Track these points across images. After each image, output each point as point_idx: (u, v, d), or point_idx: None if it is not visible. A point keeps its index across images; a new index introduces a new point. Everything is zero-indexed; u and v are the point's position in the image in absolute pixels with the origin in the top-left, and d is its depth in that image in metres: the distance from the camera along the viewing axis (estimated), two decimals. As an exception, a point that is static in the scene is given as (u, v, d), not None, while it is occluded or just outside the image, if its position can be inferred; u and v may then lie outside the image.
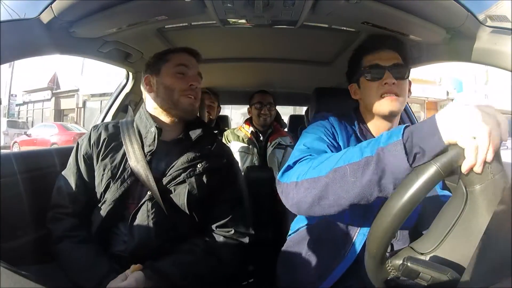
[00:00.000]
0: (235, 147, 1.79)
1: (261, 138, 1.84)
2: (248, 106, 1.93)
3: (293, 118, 2.48)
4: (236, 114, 8.75)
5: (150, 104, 0.92)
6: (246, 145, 1.79)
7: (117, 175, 0.84)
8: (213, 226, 0.87)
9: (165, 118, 0.91)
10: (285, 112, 2.73)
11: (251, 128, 1.85)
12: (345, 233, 0.78)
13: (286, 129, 2.09)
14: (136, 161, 0.84)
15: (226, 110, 7.56)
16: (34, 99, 17.81)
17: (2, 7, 0.72)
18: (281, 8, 0.86)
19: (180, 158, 0.86)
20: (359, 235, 0.76)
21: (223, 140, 1.86)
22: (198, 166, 0.86)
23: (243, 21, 0.97)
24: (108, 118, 1.42)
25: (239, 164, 1.73)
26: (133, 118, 0.95)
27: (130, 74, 1.41)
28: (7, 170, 0.87)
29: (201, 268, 0.80)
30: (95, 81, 13.57)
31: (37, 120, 16.63)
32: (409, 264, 0.45)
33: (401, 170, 0.47)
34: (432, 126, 0.46)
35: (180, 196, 0.83)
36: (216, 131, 1.98)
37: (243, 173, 1.52)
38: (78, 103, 16.07)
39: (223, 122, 2.31)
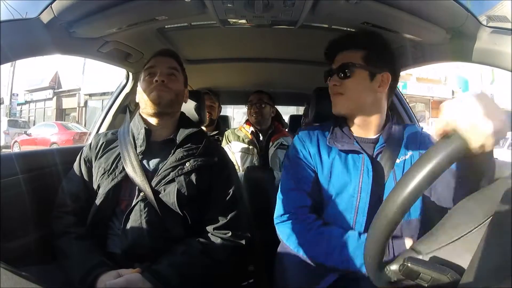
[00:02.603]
0: (236, 147, 1.78)
1: (261, 138, 1.83)
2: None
3: (293, 118, 2.47)
4: (238, 113, 8.74)
5: (141, 108, 0.97)
6: (246, 145, 1.78)
7: (110, 171, 0.88)
8: (210, 228, 0.87)
9: (151, 119, 0.94)
10: (287, 111, 2.73)
11: (251, 128, 1.83)
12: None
13: (287, 129, 2.09)
14: (130, 161, 0.87)
15: (228, 109, 7.56)
16: (36, 98, 17.85)
17: (3, 7, 0.72)
18: (281, 8, 0.86)
19: (170, 157, 0.88)
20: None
21: (224, 140, 1.86)
22: (187, 164, 0.87)
23: (243, 21, 0.97)
24: (108, 118, 1.43)
25: (239, 165, 1.74)
26: (129, 123, 0.98)
27: (130, 74, 1.41)
28: (6, 170, 0.87)
29: (198, 269, 0.80)
30: (97, 80, 13.56)
31: (39, 119, 16.68)
32: (409, 264, 0.44)
33: None
34: None
35: (170, 195, 0.84)
36: (217, 131, 1.99)
37: (243, 174, 1.52)
38: (80, 102, 16.12)
39: (224, 122, 2.31)
